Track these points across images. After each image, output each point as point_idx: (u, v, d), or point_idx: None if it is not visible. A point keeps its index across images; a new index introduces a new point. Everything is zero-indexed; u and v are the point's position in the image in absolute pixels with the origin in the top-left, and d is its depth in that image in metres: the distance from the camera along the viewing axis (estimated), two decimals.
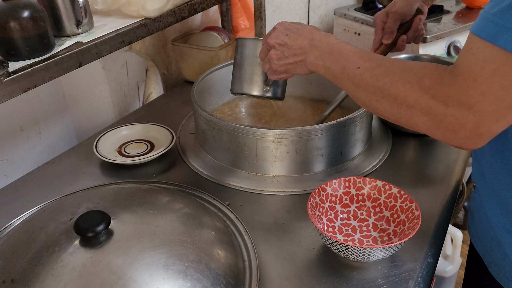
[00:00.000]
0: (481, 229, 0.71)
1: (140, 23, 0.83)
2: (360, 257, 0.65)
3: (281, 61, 0.71)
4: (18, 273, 0.57)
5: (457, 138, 0.51)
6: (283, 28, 0.71)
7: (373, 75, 0.57)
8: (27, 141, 1.08)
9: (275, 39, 0.71)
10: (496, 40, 0.46)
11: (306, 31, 0.68)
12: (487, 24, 0.47)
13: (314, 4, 1.98)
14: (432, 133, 0.54)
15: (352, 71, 0.60)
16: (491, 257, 0.70)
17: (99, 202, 0.68)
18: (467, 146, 0.52)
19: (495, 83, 0.47)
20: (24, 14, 0.67)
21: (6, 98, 0.63)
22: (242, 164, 0.89)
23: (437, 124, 0.51)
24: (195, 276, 0.58)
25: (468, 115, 0.48)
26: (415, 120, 0.54)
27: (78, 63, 0.73)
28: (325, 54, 0.64)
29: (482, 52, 0.47)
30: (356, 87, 0.60)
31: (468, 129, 0.49)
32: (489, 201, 0.67)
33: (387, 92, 0.55)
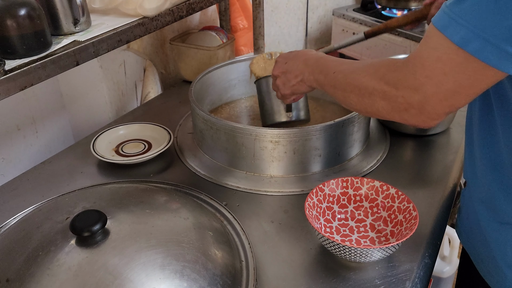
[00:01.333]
0: (469, 226, 0.72)
1: (138, 22, 0.83)
2: (358, 257, 0.65)
3: (286, 85, 0.80)
4: (14, 273, 0.56)
5: (410, 116, 0.56)
6: (282, 59, 0.81)
7: (344, 75, 0.66)
8: (23, 140, 1.08)
9: (278, 70, 0.81)
10: (444, 30, 0.50)
11: (301, 54, 0.78)
12: (442, 15, 0.51)
13: (313, 5, 1.98)
14: (391, 116, 0.59)
15: (330, 76, 0.69)
16: (478, 254, 0.71)
17: (96, 202, 0.67)
18: (420, 123, 0.57)
19: (438, 69, 0.52)
20: (21, 12, 0.67)
21: (3, 96, 0.63)
22: (239, 164, 0.89)
23: (392, 106, 0.58)
24: (192, 276, 0.58)
25: (414, 95, 0.54)
26: (376, 106, 0.60)
27: (75, 62, 0.72)
28: (314, 69, 0.74)
29: (433, 40, 0.52)
30: (334, 89, 0.68)
31: (416, 108, 0.55)
32: (479, 198, 0.68)
33: (353, 85, 0.63)
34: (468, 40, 0.48)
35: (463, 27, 0.48)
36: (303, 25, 2.00)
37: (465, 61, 0.50)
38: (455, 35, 0.49)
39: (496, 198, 0.64)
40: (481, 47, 0.48)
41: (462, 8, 0.49)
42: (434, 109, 0.54)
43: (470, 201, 0.71)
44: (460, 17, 0.49)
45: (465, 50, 0.49)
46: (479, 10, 0.47)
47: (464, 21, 0.48)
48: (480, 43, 0.48)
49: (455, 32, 0.49)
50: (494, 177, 0.63)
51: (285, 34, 1.92)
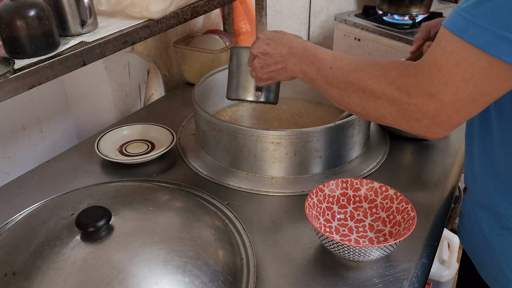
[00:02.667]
0: (471, 232, 0.72)
1: (143, 24, 0.84)
2: (356, 256, 0.66)
3: (264, 69, 0.75)
4: (20, 266, 0.57)
5: (420, 126, 0.53)
6: (265, 38, 0.75)
7: (343, 72, 0.61)
8: (28, 139, 1.09)
9: (257, 49, 0.75)
10: (462, 34, 0.48)
11: (286, 40, 0.72)
12: (456, 18, 0.49)
13: (315, 10, 2.00)
14: (398, 123, 0.56)
15: (325, 71, 0.64)
16: (481, 259, 0.71)
17: (100, 199, 0.68)
18: (430, 134, 0.54)
19: (457, 75, 0.49)
20: (30, 13, 0.68)
21: (11, 94, 0.64)
22: (241, 165, 0.90)
23: (402, 113, 0.54)
24: (194, 272, 0.59)
25: (429, 104, 0.51)
26: (382, 111, 0.56)
27: (82, 62, 0.74)
28: (301, 60, 0.68)
29: (449, 44, 0.50)
30: (329, 86, 0.63)
31: (430, 117, 0.52)
32: (480, 204, 0.68)
33: (356, 86, 0.59)
34: (493, 43, 0.46)
35: (486, 30, 0.46)
36: (305, 30, 2.01)
37: (488, 65, 0.47)
38: (476, 38, 0.47)
39: (497, 204, 0.64)
40: (509, 50, 0.45)
41: (482, 10, 0.47)
42: (449, 119, 0.51)
43: (471, 207, 0.71)
44: (480, 20, 0.47)
45: (490, 54, 0.46)
46: (504, 12, 0.45)
47: (486, 24, 0.46)
48: (507, 45, 0.45)
49: (477, 35, 0.47)
50: (494, 184, 0.64)
51: None
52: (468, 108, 0.51)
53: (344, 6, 2.11)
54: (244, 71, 0.84)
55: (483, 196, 0.67)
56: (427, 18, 1.72)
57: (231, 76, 0.87)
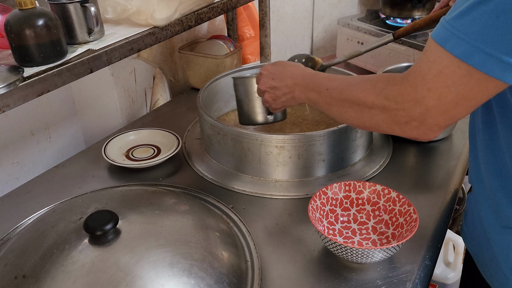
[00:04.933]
0: (473, 230, 0.74)
1: (148, 32, 0.86)
2: (359, 258, 0.67)
3: (276, 101, 0.81)
4: (30, 269, 0.59)
5: (411, 129, 0.58)
6: (268, 73, 0.81)
7: (338, 91, 0.67)
8: (37, 145, 1.11)
9: (264, 85, 0.82)
10: (444, 44, 0.52)
11: (288, 72, 0.78)
12: (441, 29, 0.53)
13: (318, 14, 2.02)
14: (392, 129, 0.60)
15: (324, 93, 0.70)
16: (481, 257, 0.72)
17: (108, 203, 0.70)
18: (421, 136, 0.58)
19: (439, 82, 0.53)
20: (39, 22, 0.70)
21: (21, 102, 0.66)
22: (245, 169, 0.92)
23: (393, 119, 0.59)
24: (199, 274, 0.60)
25: (416, 108, 0.55)
26: (376, 119, 0.61)
27: (89, 69, 0.76)
28: (304, 87, 0.75)
29: (433, 54, 0.53)
30: (329, 106, 0.69)
31: (418, 120, 0.56)
32: (484, 202, 0.69)
33: (350, 101, 0.64)
34: (470, 54, 0.49)
35: (464, 41, 0.50)
36: (309, 34, 2.03)
37: (467, 74, 0.51)
38: (456, 49, 0.50)
39: (500, 202, 0.65)
40: (484, 60, 0.49)
41: (462, 23, 0.50)
42: (435, 121, 0.55)
43: (475, 205, 0.73)
44: (460, 32, 0.50)
45: (468, 63, 0.50)
46: (480, 25, 0.49)
47: (465, 36, 0.50)
48: (482, 56, 0.49)
49: (456, 46, 0.50)
50: (498, 182, 0.65)
51: (291, 43, 1.96)
52: (453, 112, 0.54)
53: (347, 10, 2.13)
54: (252, 99, 0.90)
55: (487, 194, 0.68)
56: None
57: (241, 104, 0.93)
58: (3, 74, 0.67)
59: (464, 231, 0.78)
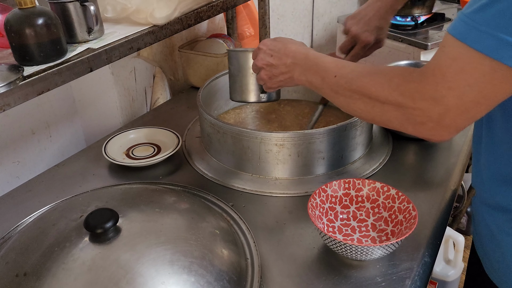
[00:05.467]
0: (480, 232, 0.73)
1: (148, 31, 0.86)
2: (359, 255, 0.67)
3: (272, 79, 0.77)
4: (31, 267, 0.59)
5: (426, 129, 0.55)
6: (267, 49, 0.77)
7: (347, 80, 0.63)
8: (38, 144, 1.12)
9: (261, 61, 0.77)
10: (465, 39, 0.49)
11: (288, 50, 0.74)
12: (459, 23, 0.50)
13: (318, 12, 2.02)
14: (404, 127, 0.57)
15: (330, 80, 0.65)
16: (489, 260, 0.71)
17: (108, 201, 0.70)
18: (436, 137, 0.55)
19: (461, 80, 0.50)
20: (39, 21, 0.71)
21: (21, 100, 0.66)
22: (245, 167, 0.92)
23: (407, 118, 0.56)
24: (199, 272, 0.60)
25: (434, 108, 0.52)
26: (388, 116, 0.58)
27: (89, 68, 0.76)
28: (306, 69, 0.70)
29: (453, 50, 0.51)
30: (335, 94, 0.65)
31: (435, 121, 0.53)
32: (488, 204, 0.69)
33: (361, 94, 0.60)
34: (496, 48, 0.47)
35: (488, 34, 0.47)
36: (309, 32, 2.03)
37: (491, 69, 0.48)
38: (479, 43, 0.48)
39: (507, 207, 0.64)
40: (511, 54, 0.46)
41: (485, 16, 0.47)
42: (454, 122, 0.53)
43: (480, 207, 0.72)
44: (482, 25, 0.47)
45: (493, 58, 0.47)
46: (506, 17, 0.46)
47: (489, 29, 0.47)
48: (510, 49, 0.46)
49: (479, 40, 0.48)
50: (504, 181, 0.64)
51: None
52: (473, 111, 0.52)
53: (346, 8, 2.13)
54: (246, 75, 0.86)
55: (491, 195, 0.67)
56: (430, 19, 1.72)
57: (233, 79, 0.89)
58: (3, 73, 0.68)
59: (473, 235, 0.78)
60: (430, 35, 1.61)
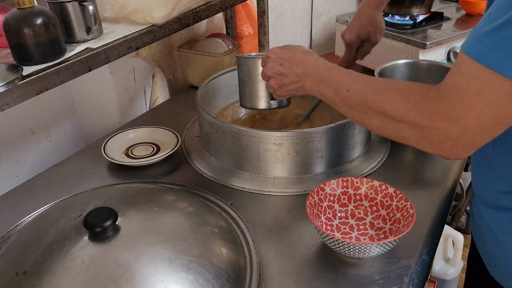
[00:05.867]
0: (482, 233, 0.73)
1: (146, 30, 0.87)
2: (357, 253, 0.67)
3: (283, 88, 0.77)
4: (30, 266, 0.59)
5: (443, 149, 0.54)
6: (276, 57, 0.76)
7: (361, 96, 0.61)
8: (37, 143, 1.12)
9: (271, 70, 0.76)
10: (483, 60, 0.48)
11: (298, 59, 0.73)
12: (476, 43, 0.49)
13: (317, 12, 2.02)
14: (421, 145, 0.57)
15: (344, 94, 0.64)
16: (492, 261, 0.71)
17: (107, 200, 0.70)
18: (453, 156, 0.55)
19: (479, 100, 0.49)
20: (37, 21, 0.71)
21: (20, 100, 0.66)
22: (244, 166, 0.92)
23: (424, 137, 0.55)
24: (198, 270, 0.60)
25: (452, 128, 0.52)
26: (404, 134, 0.57)
27: (88, 68, 0.76)
28: (317, 80, 0.69)
29: (470, 70, 0.50)
30: (349, 108, 0.64)
31: (453, 140, 0.52)
32: (489, 204, 0.69)
33: (376, 111, 0.59)
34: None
35: (509, 56, 0.46)
36: (308, 32, 2.03)
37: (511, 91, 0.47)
38: (499, 65, 0.47)
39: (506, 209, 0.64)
40: None
41: (504, 36, 0.47)
42: (472, 141, 0.52)
43: (480, 211, 0.72)
44: (502, 46, 0.47)
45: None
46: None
47: (509, 49, 0.46)
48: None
49: (499, 62, 0.47)
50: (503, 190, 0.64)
51: (290, 40, 1.96)
52: (491, 131, 0.52)
53: (345, 7, 2.13)
54: (256, 81, 0.86)
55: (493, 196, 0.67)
56: (428, 18, 1.72)
57: (243, 86, 0.88)
58: (2, 72, 0.68)
59: (474, 236, 0.78)
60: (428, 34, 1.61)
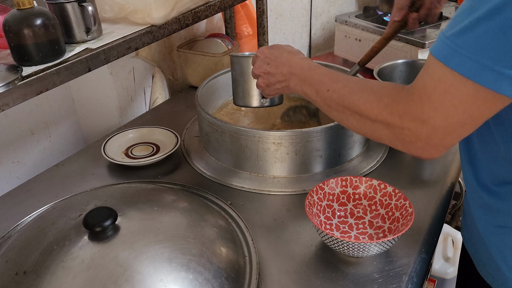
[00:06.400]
0: (471, 231, 0.73)
1: (146, 30, 0.87)
2: (356, 252, 0.68)
3: (270, 87, 0.78)
4: (30, 266, 0.60)
5: (415, 148, 0.56)
6: (264, 57, 0.78)
7: (339, 96, 0.63)
8: (37, 144, 1.12)
9: (259, 69, 0.78)
10: (448, 62, 0.49)
11: (284, 59, 0.75)
12: (442, 46, 0.51)
13: (316, 12, 2.02)
14: (394, 145, 0.58)
15: (324, 94, 0.66)
16: (480, 258, 0.72)
17: (107, 200, 0.71)
18: (425, 155, 0.56)
19: (446, 101, 0.51)
20: (37, 22, 0.71)
21: (20, 100, 0.67)
22: (244, 165, 0.92)
23: (397, 136, 0.57)
24: (197, 269, 0.61)
25: (421, 128, 0.53)
26: (379, 133, 0.59)
27: (87, 68, 0.76)
28: (301, 80, 0.71)
29: (436, 72, 0.51)
30: (328, 107, 0.66)
31: (423, 140, 0.54)
32: (475, 203, 0.70)
33: (352, 110, 0.62)
34: (477, 72, 0.47)
35: (470, 59, 0.48)
36: (307, 31, 2.03)
37: (475, 92, 0.49)
38: (461, 67, 0.48)
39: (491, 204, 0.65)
40: (493, 79, 0.47)
41: (466, 40, 0.48)
42: (441, 142, 0.53)
43: (469, 206, 0.72)
44: (464, 49, 0.48)
45: (475, 82, 0.48)
46: (486, 42, 0.46)
47: (470, 53, 0.47)
48: (491, 74, 0.47)
49: (461, 65, 0.48)
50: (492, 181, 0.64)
51: (289, 40, 1.96)
52: (460, 131, 0.53)
53: (344, 7, 2.13)
54: (249, 80, 0.86)
55: (479, 195, 0.68)
56: None
57: (236, 84, 0.89)
58: (2, 73, 0.68)
59: (463, 233, 0.78)
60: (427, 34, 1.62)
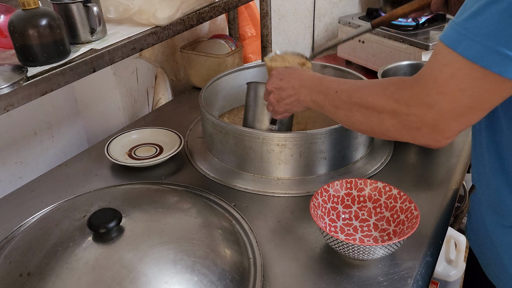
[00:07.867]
0: (477, 230, 0.74)
1: (150, 31, 0.86)
2: (361, 255, 0.67)
3: (279, 103, 0.80)
4: (34, 267, 0.59)
5: (422, 135, 0.56)
6: (277, 74, 0.80)
7: (347, 94, 0.65)
8: (40, 144, 1.12)
9: (272, 85, 0.80)
10: (456, 47, 0.50)
11: (297, 74, 0.77)
12: (450, 31, 0.52)
13: (319, 13, 2.02)
14: (401, 135, 0.59)
15: (332, 96, 0.68)
16: (485, 258, 0.72)
17: (111, 201, 0.70)
18: (432, 143, 0.56)
19: (453, 85, 0.51)
20: (42, 22, 0.71)
21: (25, 101, 0.66)
22: (247, 167, 0.92)
23: (403, 124, 0.57)
24: (202, 271, 0.60)
25: (428, 113, 0.53)
26: (385, 125, 0.59)
27: (92, 69, 0.76)
28: (311, 90, 0.73)
29: (444, 57, 0.52)
30: (336, 109, 0.67)
31: (430, 126, 0.54)
32: (486, 202, 0.69)
33: (359, 105, 0.62)
34: (483, 55, 0.48)
35: (476, 42, 0.48)
36: (310, 33, 2.03)
37: (482, 76, 0.49)
38: (468, 51, 0.49)
39: (503, 201, 0.65)
40: (498, 61, 0.48)
41: (473, 24, 0.49)
42: (449, 126, 0.53)
43: (477, 205, 0.73)
44: (472, 33, 0.49)
45: (481, 66, 0.49)
46: (493, 25, 0.47)
47: (477, 37, 0.48)
48: (496, 57, 0.47)
49: (468, 48, 0.49)
50: (502, 180, 0.64)
51: (292, 42, 1.96)
52: (467, 116, 0.53)
53: (348, 9, 2.13)
54: (260, 105, 0.90)
55: (489, 194, 0.68)
56: (431, 19, 1.72)
57: (247, 109, 0.93)
58: (7, 73, 0.68)
59: (468, 232, 0.78)
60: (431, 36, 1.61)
